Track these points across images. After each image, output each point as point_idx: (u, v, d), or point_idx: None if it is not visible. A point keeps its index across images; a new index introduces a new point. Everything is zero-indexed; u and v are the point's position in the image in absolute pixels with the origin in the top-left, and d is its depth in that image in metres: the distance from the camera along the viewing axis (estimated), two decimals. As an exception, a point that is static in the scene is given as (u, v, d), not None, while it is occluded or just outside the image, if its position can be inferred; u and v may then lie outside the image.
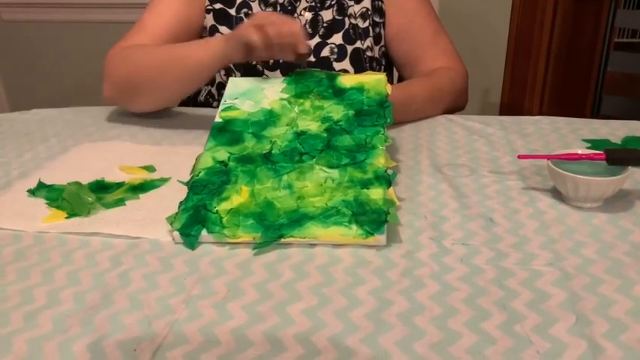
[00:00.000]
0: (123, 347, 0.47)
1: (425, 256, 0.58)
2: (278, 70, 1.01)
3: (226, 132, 0.76)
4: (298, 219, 0.62)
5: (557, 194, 0.69)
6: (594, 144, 0.82)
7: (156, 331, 0.48)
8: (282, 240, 0.61)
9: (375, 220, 0.61)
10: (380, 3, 1.04)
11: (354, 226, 0.61)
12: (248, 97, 0.82)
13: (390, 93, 0.79)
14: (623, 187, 0.67)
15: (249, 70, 1.01)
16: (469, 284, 0.53)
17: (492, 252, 0.58)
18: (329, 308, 0.51)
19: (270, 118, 0.78)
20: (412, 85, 1.01)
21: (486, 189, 0.71)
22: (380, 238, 0.60)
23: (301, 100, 0.80)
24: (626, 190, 0.69)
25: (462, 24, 1.07)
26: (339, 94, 0.80)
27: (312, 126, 0.76)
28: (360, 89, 0.80)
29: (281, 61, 1.00)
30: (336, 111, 0.78)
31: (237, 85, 0.85)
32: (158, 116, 1.00)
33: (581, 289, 0.52)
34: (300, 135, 0.75)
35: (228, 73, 1.02)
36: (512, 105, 2.16)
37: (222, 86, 1.02)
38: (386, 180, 0.67)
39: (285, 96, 0.81)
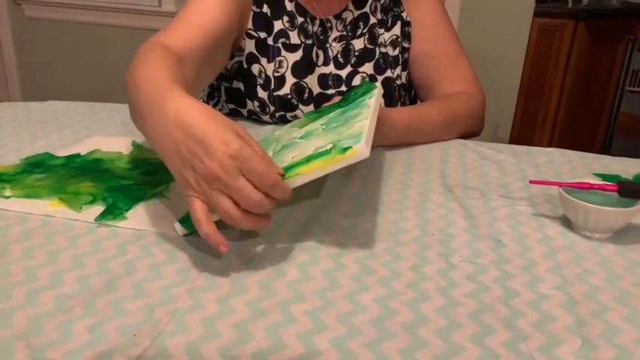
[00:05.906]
0: (123, 331, 0.46)
1: (431, 271, 0.58)
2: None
3: None
4: (286, 169, 0.59)
5: (567, 223, 0.69)
6: (605, 178, 0.82)
7: (157, 318, 0.48)
8: None
9: (351, 136, 0.59)
10: (408, 28, 1.03)
11: (332, 151, 0.57)
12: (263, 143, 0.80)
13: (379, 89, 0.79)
14: (633, 222, 0.67)
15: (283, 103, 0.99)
16: (475, 300, 0.53)
17: (499, 272, 0.58)
18: (332, 311, 0.50)
19: (275, 140, 0.78)
20: (426, 107, 1.01)
21: (496, 212, 0.71)
22: (359, 148, 0.55)
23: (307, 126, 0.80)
24: (636, 225, 0.69)
25: (477, 58, 1.07)
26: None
27: (311, 127, 0.76)
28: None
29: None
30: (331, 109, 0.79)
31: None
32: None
33: (587, 314, 0.52)
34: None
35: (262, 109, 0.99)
36: (521, 141, 2.17)
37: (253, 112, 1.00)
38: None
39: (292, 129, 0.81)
